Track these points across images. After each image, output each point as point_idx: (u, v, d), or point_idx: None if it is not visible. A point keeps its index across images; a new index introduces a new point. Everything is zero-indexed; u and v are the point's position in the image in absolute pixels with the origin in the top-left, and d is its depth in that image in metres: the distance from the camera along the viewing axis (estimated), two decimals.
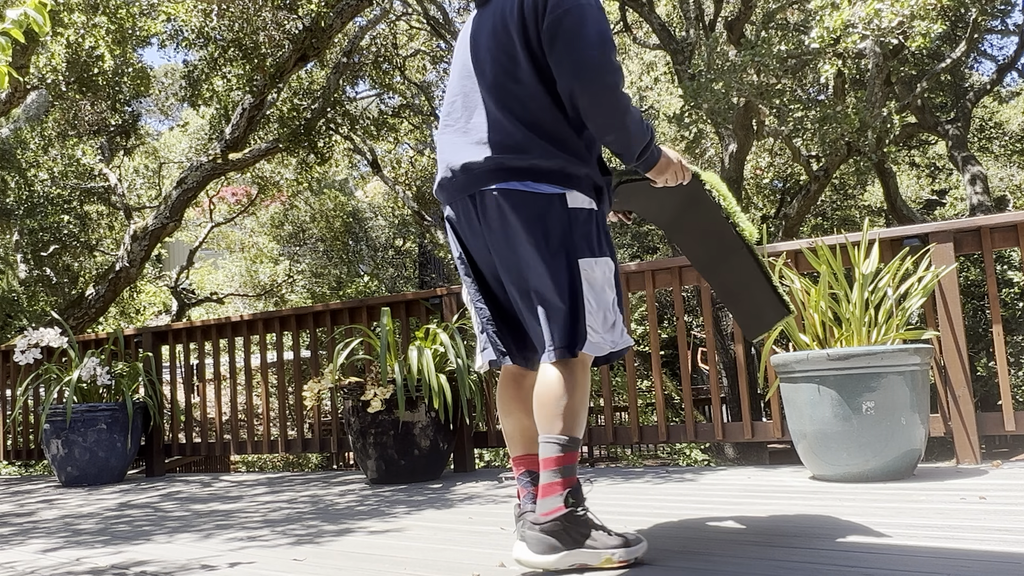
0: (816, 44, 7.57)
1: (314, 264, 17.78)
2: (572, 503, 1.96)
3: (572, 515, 1.96)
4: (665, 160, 2.16)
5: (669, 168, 2.16)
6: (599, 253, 2.08)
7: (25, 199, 10.41)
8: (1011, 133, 16.08)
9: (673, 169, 2.17)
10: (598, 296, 2.06)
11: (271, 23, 8.84)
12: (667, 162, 2.16)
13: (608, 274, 2.10)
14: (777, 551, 2.07)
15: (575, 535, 1.96)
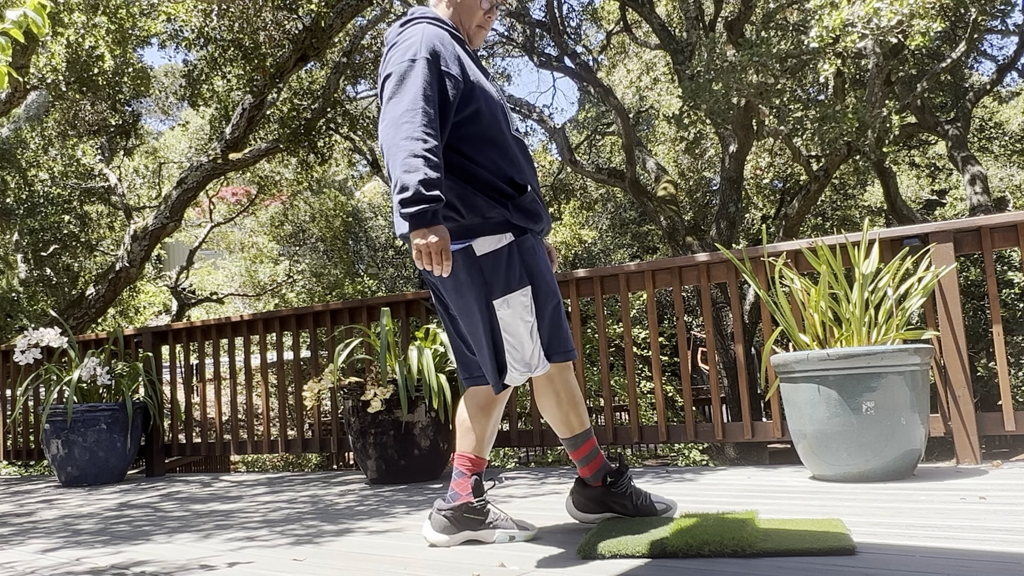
0: (815, 43, 7.57)
1: (314, 264, 17.78)
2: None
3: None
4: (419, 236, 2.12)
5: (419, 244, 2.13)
6: (509, 289, 2.29)
7: (25, 199, 10.41)
8: (1011, 133, 16.08)
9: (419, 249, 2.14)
10: (513, 332, 2.32)
11: (271, 23, 8.84)
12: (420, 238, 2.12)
13: (519, 307, 2.30)
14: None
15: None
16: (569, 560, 2.12)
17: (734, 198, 11.48)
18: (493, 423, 2.47)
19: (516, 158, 2.37)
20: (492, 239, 2.29)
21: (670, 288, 4.24)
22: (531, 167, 2.44)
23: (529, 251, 2.34)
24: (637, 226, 18.73)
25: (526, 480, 3.92)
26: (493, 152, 2.31)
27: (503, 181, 2.31)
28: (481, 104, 2.30)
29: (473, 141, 2.31)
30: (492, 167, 2.31)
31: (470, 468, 2.44)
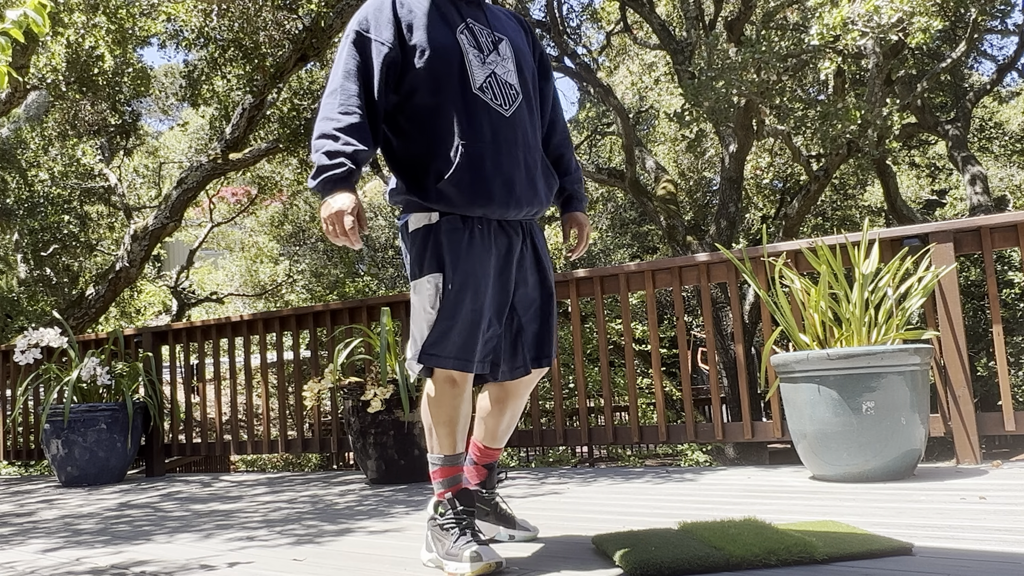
0: (816, 41, 7.57)
1: (314, 264, 17.77)
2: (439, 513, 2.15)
3: (434, 523, 2.15)
4: (321, 209, 2.07)
5: (322, 218, 2.07)
6: (420, 272, 2.12)
7: (25, 199, 10.41)
8: (1011, 133, 16.08)
9: (324, 223, 2.07)
10: (415, 319, 2.14)
11: (271, 23, 8.83)
12: (322, 211, 2.06)
13: (427, 292, 2.10)
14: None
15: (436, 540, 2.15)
16: (572, 562, 2.12)
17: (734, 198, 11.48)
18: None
19: (455, 129, 2.08)
20: (420, 216, 2.14)
21: (670, 288, 4.24)
22: (504, 138, 2.12)
23: (452, 235, 2.09)
24: (637, 226, 18.73)
25: (526, 480, 3.92)
26: (429, 124, 2.11)
27: (434, 156, 2.10)
28: (420, 70, 2.09)
29: (409, 113, 2.14)
30: (422, 141, 2.12)
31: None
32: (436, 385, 2.13)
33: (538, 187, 2.21)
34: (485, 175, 2.09)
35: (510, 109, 2.15)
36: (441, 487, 2.16)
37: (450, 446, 2.16)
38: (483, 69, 2.13)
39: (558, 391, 4.60)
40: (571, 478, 3.90)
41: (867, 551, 1.87)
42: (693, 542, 2.01)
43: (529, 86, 2.24)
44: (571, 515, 2.86)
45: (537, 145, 2.24)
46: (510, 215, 2.16)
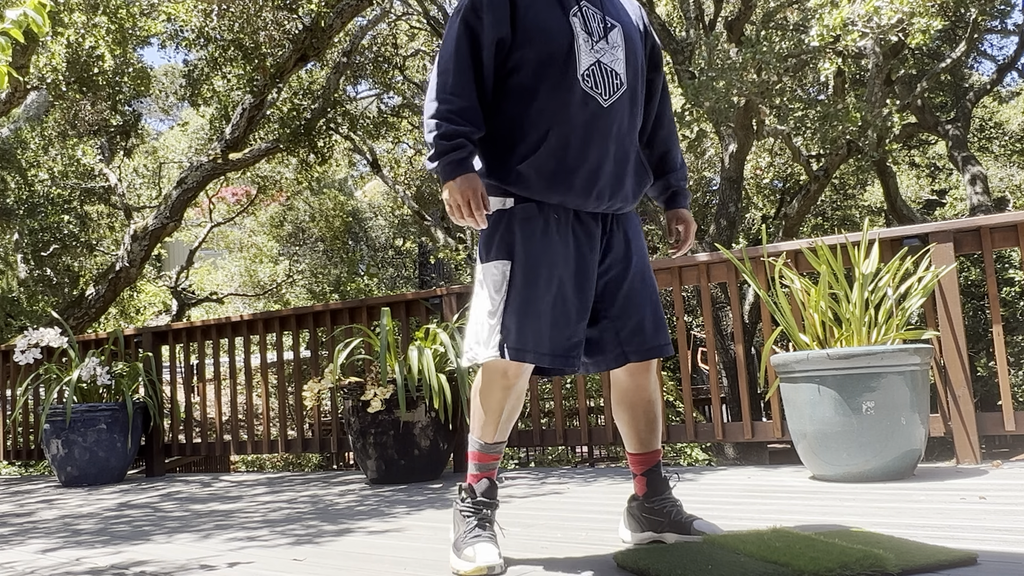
0: (816, 42, 7.57)
1: (314, 264, 17.77)
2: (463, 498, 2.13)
3: (455, 506, 2.14)
4: (447, 189, 2.03)
5: (448, 199, 2.03)
6: (488, 256, 2.07)
7: (25, 199, 10.41)
8: (1011, 133, 16.08)
9: (450, 203, 2.03)
10: (478, 304, 2.10)
11: (271, 23, 8.83)
12: (447, 192, 2.03)
13: (493, 279, 2.05)
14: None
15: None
16: (575, 564, 2.12)
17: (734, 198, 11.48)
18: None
19: (548, 112, 2.03)
20: (496, 200, 2.07)
21: (670, 288, 4.24)
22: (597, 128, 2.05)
23: (526, 223, 2.04)
24: None
25: (526, 480, 3.92)
26: (524, 104, 2.05)
27: (521, 137, 2.05)
28: (527, 51, 2.03)
29: (506, 91, 2.07)
30: (513, 120, 2.06)
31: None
32: (486, 373, 2.09)
33: (626, 182, 2.12)
34: (569, 163, 2.03)
35: (610, 100, 2.07)
36: (473, 470, 2.14)
37: (490, 434, 2.12)
38: (590, 55, 2.05)
39: (558, 391, 4.60)
40: (571, 478, 3.90)
41: (935, 563, 1.81)
42: (744, 559, 1.87)
43: (637, 78, 2.15)
44: (571, 515, 2.86)
45: (633, 140, 2.15)
46: (589, 206, 2.08)
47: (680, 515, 2.15)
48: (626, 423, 2.22)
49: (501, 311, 2.02)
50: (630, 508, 2.24)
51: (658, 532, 2.16)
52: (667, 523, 2.15)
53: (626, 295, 2.13)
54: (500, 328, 2.02)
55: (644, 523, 2.19)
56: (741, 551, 1.93)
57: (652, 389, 2.20)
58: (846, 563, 1.76)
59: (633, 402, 2.20)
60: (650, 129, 2.27)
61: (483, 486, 2.11)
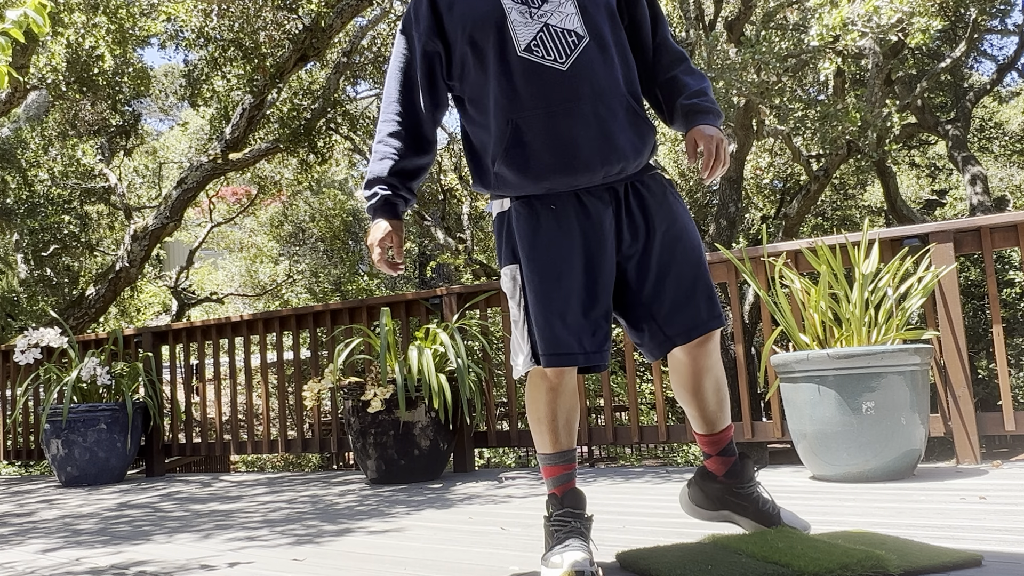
0: (816, 42, 7.57)
1: (314, 264, 17.77)
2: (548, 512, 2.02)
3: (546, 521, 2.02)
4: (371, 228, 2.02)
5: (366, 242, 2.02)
6: (501, 263, 2.01)
7: (25, 199, 10.41)
8: (1011, 133, 16.08)
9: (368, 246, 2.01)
10: (510, 312, 2.01)
11: (271, 23, 8.83)
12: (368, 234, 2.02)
13: (506, 285, 1.99)
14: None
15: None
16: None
17: (734, 198, 11.48)
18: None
19: (503, 102, 1.91)
20: (496, 203, 2.02)
21: None
22: (559, 97, 1.89)
23: (522, 221, 1.95)
24: None
25: (526, 480, 3.92)
26: (482, 103, 1.96)
27: (490, 138, 1.96)
28: (465, 47, 1.95)
29: (468, 96, 2.01)
30: (481, 123, 1.99)
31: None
32: (530, 382, 2.01)
33: (617, 140, 1.91)
34: (536, 146, 1.89)
35: (567, 60, 1.89)
36: (551, 485, 2.02)
37: (550, 443, 2.00)
38: (531, 26, 1.90)
39: None
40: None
41: (939, 564, 1.78)
42: (745, 559, 1.85)
43: (602, 23, 1.96)
44: None
45: (617, 91, 1.94)
46: (581, 182, 1.92)
47: (766, 502, 2.09)
48: (694, 405, 2.09)
49: (523, 317, 1.95)
50: (703, 486, 2.14)
51: (740, 515, 2.10)
52: (753, 510, 2.08)
53: (656, 274, 1.97)
54: (527, 335, 1.94)
55: (724, 504, 2.12)
56: (743, 551, 1.89)
57: (712, 364, 2.05)
58: (847, 564, 1.73)
59: (693, 381, 2.06)
60: (650, 62, 2.08)
61: (569, 497, 1.99)
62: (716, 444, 2.11)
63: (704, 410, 2.08)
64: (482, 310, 4.60)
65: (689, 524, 2.49)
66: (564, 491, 1.98)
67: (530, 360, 1.93)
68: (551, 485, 2.01)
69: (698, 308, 1.97)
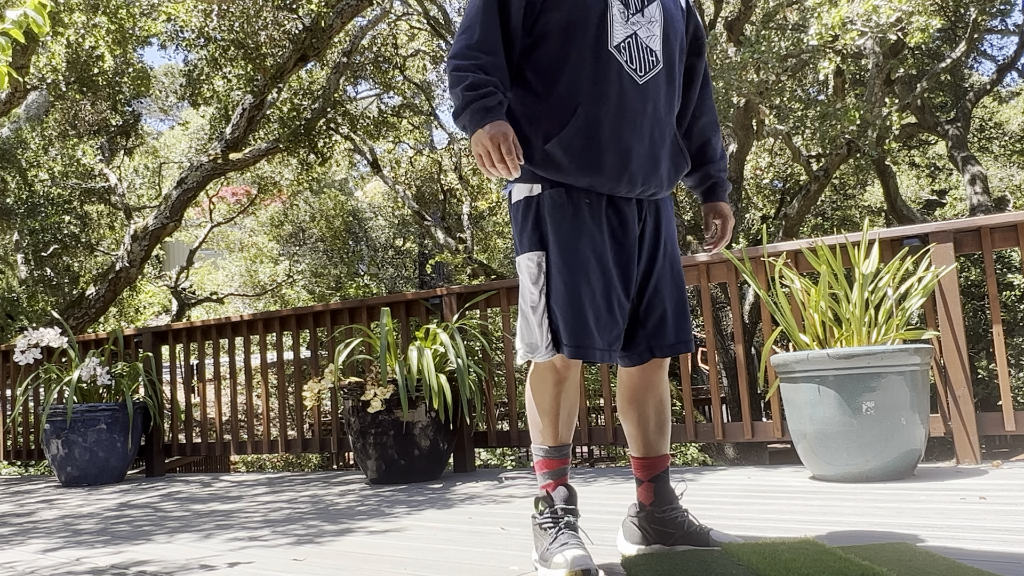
0: (815, 41, 7.58)
1: (314, 264, 17.77)
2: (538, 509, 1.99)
3: (534, 521, 1.99)
4: (475, 138, 1.88)
5: (477, 148, 1.88)
6: (523, 249, 1.96)
7: (25, 199, 10.41)
8: (1011, 133, 16.08)
9: (479, 152, 1.87)
10: (522, 298, 1.99)
11: (271, 23, 8.83)
12: (476, 140, 1.87)
13: (529, 271, 1.95)
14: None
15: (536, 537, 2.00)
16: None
17: (734, 198, 11.48)
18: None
19: (578, 87, 1.90)
20: (523, 187, 1.96)
21: None
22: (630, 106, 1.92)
23: (556, 210, 1.92)
24: None
25: (526, 480, 3.92)
26: (552, 77, 1.93)
27: (548, 114, 1.92)
28: (555, 14, 1.91)
29: (534, 61, 1.95)
30: (540, 95, 1.94)
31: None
32: (536, 373, 2.00)
33: (661, 166, 1.98)
34: (600, 142, 1.89)
35: (646, 76, 1.93)
36: (544, 479, 2.00)
37: (552, 436, 1.99)
38: (625, 27, 1.91)
39: None
40: (571, 478, 3.90)
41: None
42: (735, 569, 1.81)
43: (675, 56, 2.01)
44: None
45: (670, 121, 2.02)
46: (621, 190, 1.95)
47: (693, 526, 2.04)
48: (635, 423, 2.11)
49: (544, 305, 1.93)
50: (634, 519, 2.10)
51: (668, 544, 2.05)
52: (680, 535, 2.04)
53: (655, 286, 2.02)
54: (548, 324, 1.93)
55: (652, 535, 2.07)
56: (743, 562, 1.86)
57: (664, 387, 2.10)
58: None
59: (644, 400, 2.09)
60: (689, 117, 2.16)
61: (562, 494, 1.97)
62: (650, 470, 2.09)
63: (645, 428, 2.09)
64: (482, 310, 4.60)
65: None
66: (559, 485, 1.98)
67: (551, 349, 1.92)
68: (548, 478, 2.00)
69: (681, 327, 2.05)
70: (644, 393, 2.09)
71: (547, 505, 1.95)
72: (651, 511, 2.06)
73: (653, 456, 2.09)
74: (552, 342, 1.92)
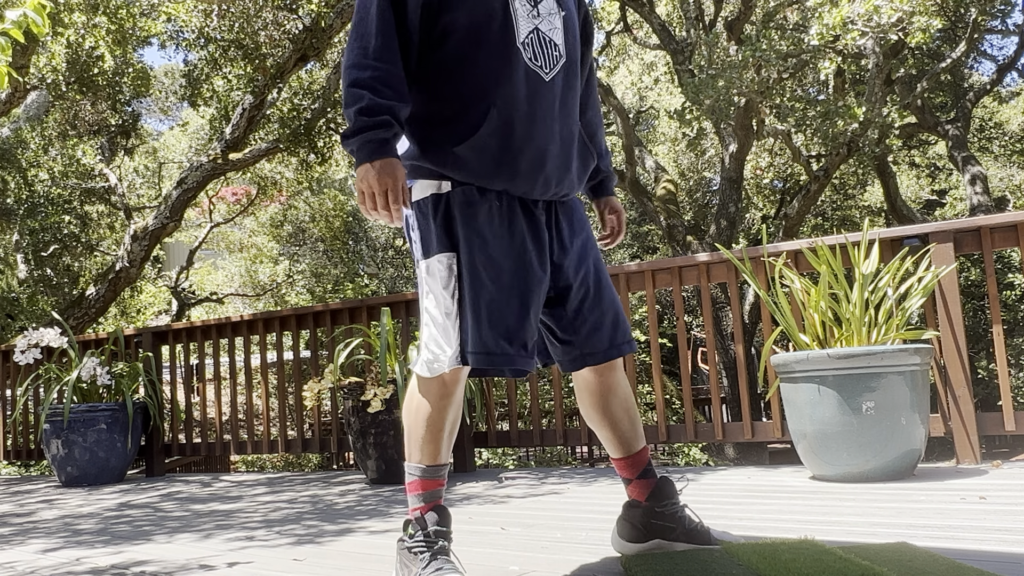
0: (816, 41, 7.58)
1: (314, 264, 17.78)
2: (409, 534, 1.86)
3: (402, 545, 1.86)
4: (361, 172, 1.76)
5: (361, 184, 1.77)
6: (430, 251, 1.84)
7: (25, 199, 10.41)
8: (1011, 133, 16.08)
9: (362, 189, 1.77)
10: (429, 304, 1.85)
11: (271, 23, 8.84)
12: (362, 176, 1.76)
13: (440, 275, 1.82)
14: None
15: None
16: (575, 564, 2.12)
17: (734, 198, 11.48)
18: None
19: (488, 86, 1.79)
20: (428, 183, 1.83)
21: (670, 288, 4.24)
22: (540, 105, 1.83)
23: (467, 208, 1.81)
24: (637, 226, 18.73)
25: (526, 480, 3.92)
26: (459, 77, 1.81)
27: (458, 115, 1.80)
28: (457, 15, 1.80)
29: (437, 62, 1.83)
30: (447, 96, 1.82)
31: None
32: (422, 385, 1.87)
33: (572, 165, 1.91)
34: (514, 144, 1.80)
35: (551, 72, 1.84)
36: (417, 501, 1.86)
37: (432, 455, 1.86)
38: (528, 22, 1.82)
39: (558, 391, 4.60)
40: (571, 478, 3.90)
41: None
42: (736, 569, 1.77)
43: (575, 48, 1.93)
44: (571, 515, 2.85)
45: (576, 118, 1.93)
46: (536, 193, 1.86)
47: (694, 523, 2.00)
48: (606, 427, 2.03)
49: (456, 312, 1.81)
50: (629, 516, 2.03)
51: (669, 539, 1.98)
52: (681, 530, 1.98)
53: (582, 293, 1.95)
54: (458, 332, 1.80)
55: (650, 531, 1.99)
56: (743, 562, 1.83)
57: (625, 386, 2.03)
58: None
59: (608, 404, 2.02)
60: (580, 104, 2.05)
61: (434, 517, 1.83)
62: (635, 467, 2.04)
63: (617, 430, 2.03)
64: None
65: None
66: (432, 508, 1.85)
67: (458, 359, 1.80)
68: (422, 500, 1.86)
69: (615, 331, 1.97)
70: (607, 398, 2.02)
71: (419, 528, 1.83)
72: (650, 507, 2.00)
73: (633, 453, 2.04)
74: (459, 351, 1.80)
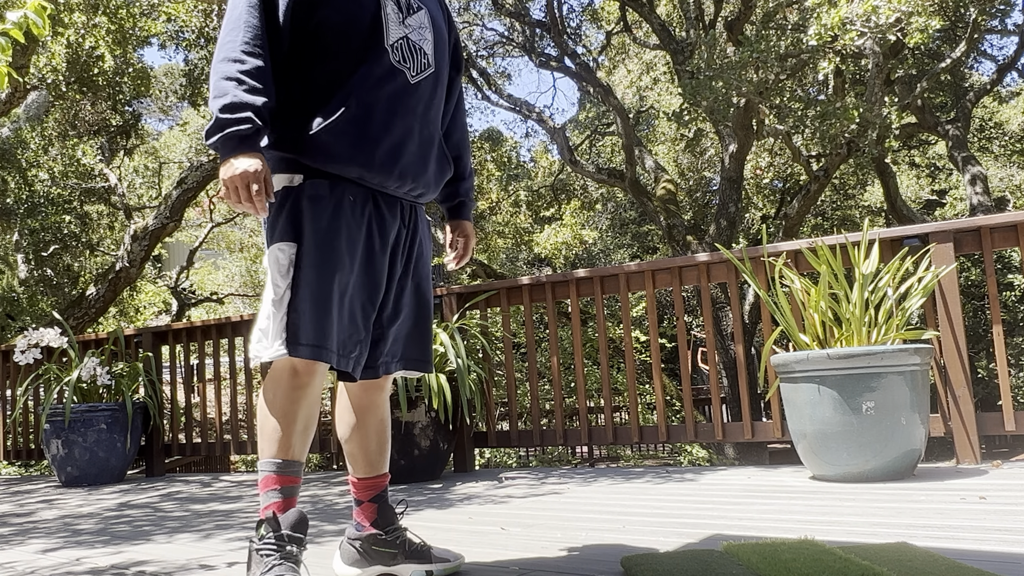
0: (814, 41, 7.58)
1: None
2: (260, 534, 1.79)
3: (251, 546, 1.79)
4: (224, 168, 1.76)
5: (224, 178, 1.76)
6: (274, 238, 1.84)
7: (25, 199, 10.42)
8: (1011, 133, 16.08)
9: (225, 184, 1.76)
10: (267, 290, 1.85)
11: None
12: (225, 171, 1.76)
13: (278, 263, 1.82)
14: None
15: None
16: (575, 564, 2.12)
17: (734, 198, 11.48)
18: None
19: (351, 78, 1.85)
20: (282, 177, 1.86)
21: (670, 288, 4.24)
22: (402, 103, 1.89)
23: (315, 202, 1.83)
24: (637, 226, 18.74)
25: (526, 480, 3.92)
26: (323, 68, 1.86)
27: (318, 102, 1.85)
28: (329, 14, 1.86)
29: (304, 54, 1.88)
30: (309, 84, 1.86)
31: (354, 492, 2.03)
32: (273, 375, 1.83)
33: (429, 166, 1.96)
34: (372, 132, 1.84)
35: (418, 76, 1.92)
36: (270, 497, 1.78)
37: (284, 449, 1.80)
38: (399, 28, 1.90)
39: (558, 391, 4.61)
40: (571, 478, 3.90)
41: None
42: (740, 569, 1.79)
43: (443, 64, 2.02)
44: (571, 515, 2.86)
45: (438, 125, 2.02)
46: (390, 186, 1.90)
47: (415, 544, 2.02)
48: (357, 444, 2.03)
49: (287, 301, 1.80)
50: (354, 541, 2.01)
51: (389, 565, 2.01)
52: (402, 553, 2.01)
53: (403, 301, 1.98)
54: (287, 321, 1.79)
55: (373, 556, 2.00)
56: (743, 562, 1.84)
57: (385, 408, 2.06)
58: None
59: (366, 422, 2.03)
60: (445, 129, 2.14)
61: (291, 517, 1.76)
62: (372, 489, 2.04)
63: (366, 448, 2.03)
64: (482, 310, 4.60)
65: (690, 524, 2.50)
66: (288, 507, 1.79)
67: (282, 346, 1.79)
68: (277, 496, 1.79)
69: (422, 347, 2.03)
70: (365, 415, 2.03)
71: (271, 528, 1.75)
72: (375, 534, 2.00)
73: (375, 476, 2.04)
74: (285, 340, 1.79)
